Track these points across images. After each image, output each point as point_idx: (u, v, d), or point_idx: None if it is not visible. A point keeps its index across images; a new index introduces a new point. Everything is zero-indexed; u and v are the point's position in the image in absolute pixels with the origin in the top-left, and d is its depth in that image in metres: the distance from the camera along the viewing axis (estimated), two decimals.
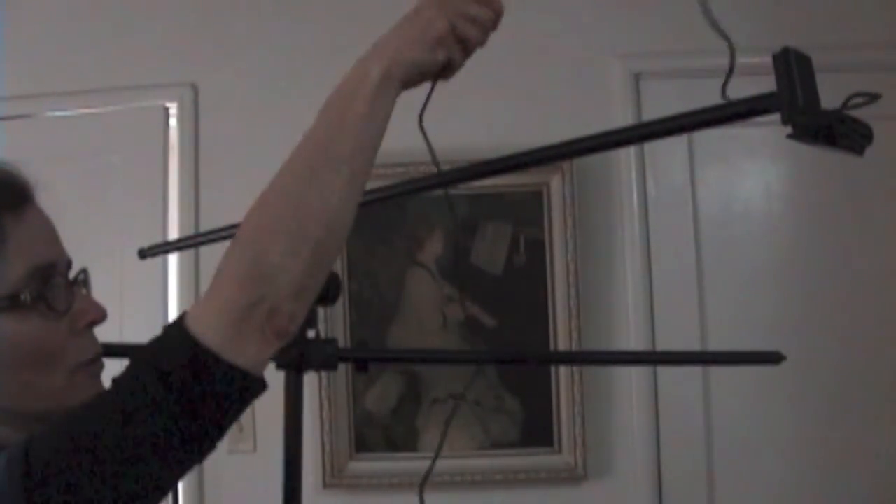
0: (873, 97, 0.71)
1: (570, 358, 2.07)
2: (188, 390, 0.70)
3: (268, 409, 2.23)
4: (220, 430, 0.73)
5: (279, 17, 2.37)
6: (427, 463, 1.02)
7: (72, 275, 0.87)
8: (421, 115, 0.92)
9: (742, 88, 0.79)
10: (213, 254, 0.88)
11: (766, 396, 2.21)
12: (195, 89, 2.36)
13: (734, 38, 0.77)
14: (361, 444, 2.20)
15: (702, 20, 0.77)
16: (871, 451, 2.19)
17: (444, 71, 0.87)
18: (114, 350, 1.19)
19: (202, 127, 2.35)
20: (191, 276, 2.30)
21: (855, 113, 0.72)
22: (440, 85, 0.87)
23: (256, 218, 0.77)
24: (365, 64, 0.81)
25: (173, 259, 2.32)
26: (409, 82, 0.84)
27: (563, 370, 2.16)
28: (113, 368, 0.78)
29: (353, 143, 0.78)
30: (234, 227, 1.08)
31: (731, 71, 0.76)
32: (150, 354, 0.72)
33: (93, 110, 2.39)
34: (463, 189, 2.13)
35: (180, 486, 2.57)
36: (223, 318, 0.72)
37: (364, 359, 1.13)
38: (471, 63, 0.86)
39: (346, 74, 0.82)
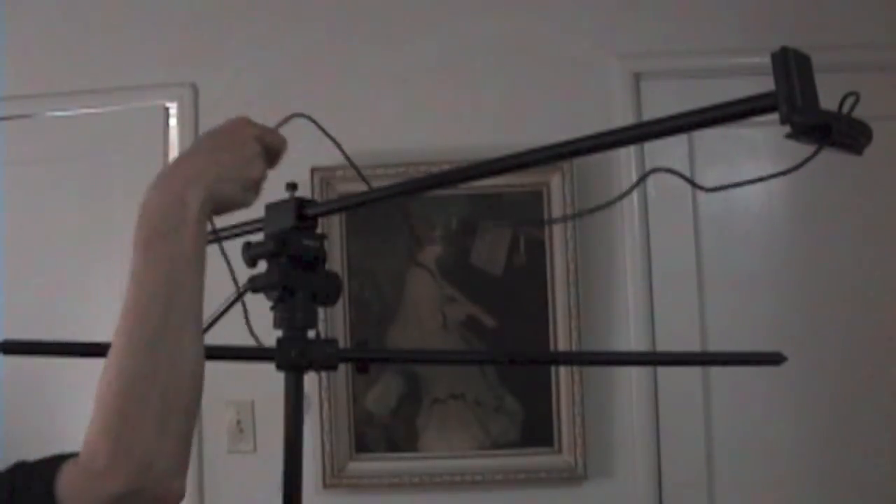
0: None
1: (570, 358, 2.07)
2: None
3: (268, 409, 2.24)
4: None
5: (279, 17, 2.37)
6: (427, 463, 1.02)
7: None
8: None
9: (742, 88, 0.80)
10: (213, 254, 0.87)
11: (766, 397, 2.21)
12: (195, 89, 2.36)
13: (734, 38, 0.77)
14: (361, 444, 2.20)
15: (702, 20, 0.77)
16: (872, 450, 2.19)
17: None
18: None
19: (202, 127, 2.35)
20: None
21: (854, 113, 0.72)
22: (442, 86, 0.87)
23: (112, 403, 0.67)
24: (180, 193, 0.73)
25: None
26: (215, 213, 0.78)
27: (563, 370, 2.16)
28: None
29: (190, 290, 0.71)
30: (234, 227, 1.08)
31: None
32: None
33: (93, 110, 2.39)
34: (463, 189, 2.13)
35: None
36: None
37: (364, 359, 1.12)
38: (471, 62, 0.86)
39: (152, 198, 0.73)
